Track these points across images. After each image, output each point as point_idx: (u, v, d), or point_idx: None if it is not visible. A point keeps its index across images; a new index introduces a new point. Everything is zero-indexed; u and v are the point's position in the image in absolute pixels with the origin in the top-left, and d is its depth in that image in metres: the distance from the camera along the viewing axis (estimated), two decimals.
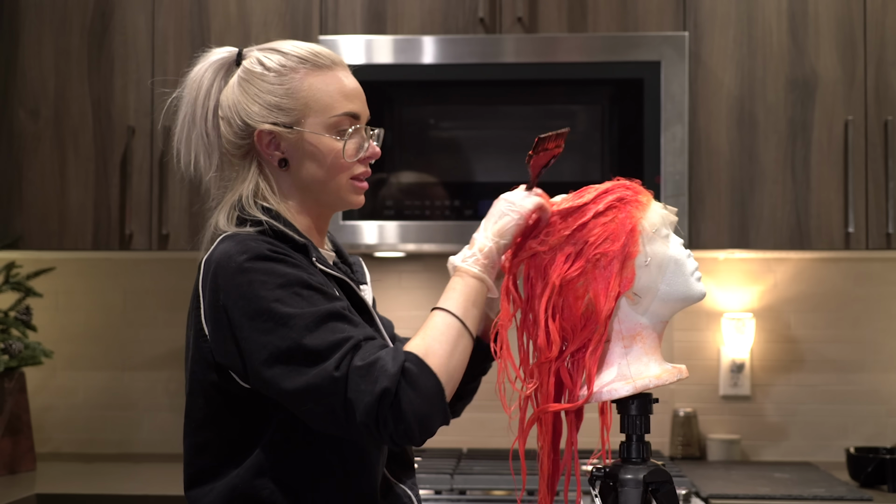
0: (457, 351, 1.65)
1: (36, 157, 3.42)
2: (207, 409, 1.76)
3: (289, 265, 1.68)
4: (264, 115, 1.79)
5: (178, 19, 3.42)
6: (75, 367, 3.80)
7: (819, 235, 3.29)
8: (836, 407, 3.68)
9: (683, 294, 1.61)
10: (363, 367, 1.58)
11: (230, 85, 1.84)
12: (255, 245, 1.69)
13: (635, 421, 1.59)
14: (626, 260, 1.59)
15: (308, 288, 1.66)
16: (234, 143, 1.82)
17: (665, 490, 1.55)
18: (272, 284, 1.64)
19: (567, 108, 3.39)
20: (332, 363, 1.59)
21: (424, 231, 3.26)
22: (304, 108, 1.80)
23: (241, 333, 1.66)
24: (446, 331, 1.66)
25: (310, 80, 1.81)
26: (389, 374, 1.57)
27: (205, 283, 1.73)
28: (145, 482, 3.27)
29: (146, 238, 3.39)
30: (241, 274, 1.66)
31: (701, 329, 3.70)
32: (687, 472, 3.27)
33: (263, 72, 1.81)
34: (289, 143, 1.80)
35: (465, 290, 1.70)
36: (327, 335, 1.61)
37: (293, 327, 1.61)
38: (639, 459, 1.58)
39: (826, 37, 3.32)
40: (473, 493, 3.02)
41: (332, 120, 1.81)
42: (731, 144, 3.32)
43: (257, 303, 1.64)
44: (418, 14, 3.37)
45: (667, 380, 1.58)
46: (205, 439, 1.77)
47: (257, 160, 1.82)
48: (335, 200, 1.84)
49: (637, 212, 1.62)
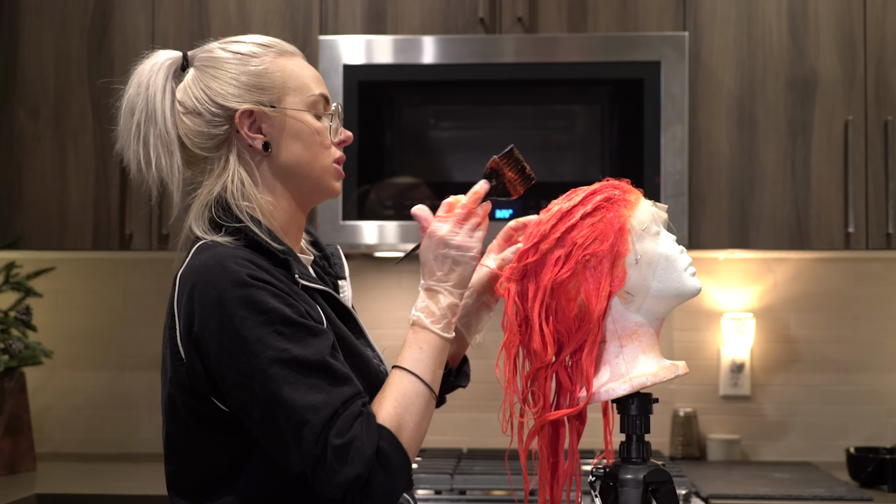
0: (425, 420, 1.64)
1: (36, 157, 3.43)
2: (188, 434, 1.69)
3: (270, 294, 1.59)
4: (242, 96, 1.72)
5: (178, 19, 3.42)
6: (75, 367, 3.80)
7: (819, 235, 3.29)
8: (836, 407, 3.68)
9: (676, 290, 1.60)
10: (340, 446, 1.54)
11: (189, 80, 1.74)
12: (234, 269, 1.60)
13: (635, 421, 1.59)
14: (616, 259, 1.59)
15: (290, 325, 1.58)
16: (205, 133, 1.72)
17: (665, 490, 1.54)
18: (253, 322, 1.57)
19: (567, 108, 3.39)
20: (309, 436, 1.54)
21: None
22: (282, 87, 1.74)
23: (218, 370, 1.60)
24: (417, 400, 1.63)
25: (279, 62, 1.75)
26: (365, 457, 1.54)
27: (179, 304, 1.65)
28: (145, 482, 3.27)
29: (146, 238, 3.39)
30: (220, 307, 1.58)
31: (701, 329, 3.70)
32: (687, 472, 3.27)
33: (229, 56, 1.74)
34: (271, 123, 1.73)
35: (434, 353, 1.67)
36: (305, 393, 1.55)
37: (273, 377, 1.55)
38: (639, 459, 1.58)
39: (826, 37, 3.32)
40: (473, 493, 3.02)
41: (311, 99, 1.75)
42: (731, 144, 3.32)
43: (237, 342, 1.57)
44: (418, 14, 3.37)
45: (664, 377, 1.57)
46: (187, 464, 1.72)
47: (235, 149, 1.73)
48: (317, 186, 1.77)
49: (625, 210, 1.61)
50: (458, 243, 1.69)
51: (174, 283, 1.69)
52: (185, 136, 1.73)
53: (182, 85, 1.74)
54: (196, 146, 1.73)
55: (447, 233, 1.69)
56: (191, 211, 1.74)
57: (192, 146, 1.73)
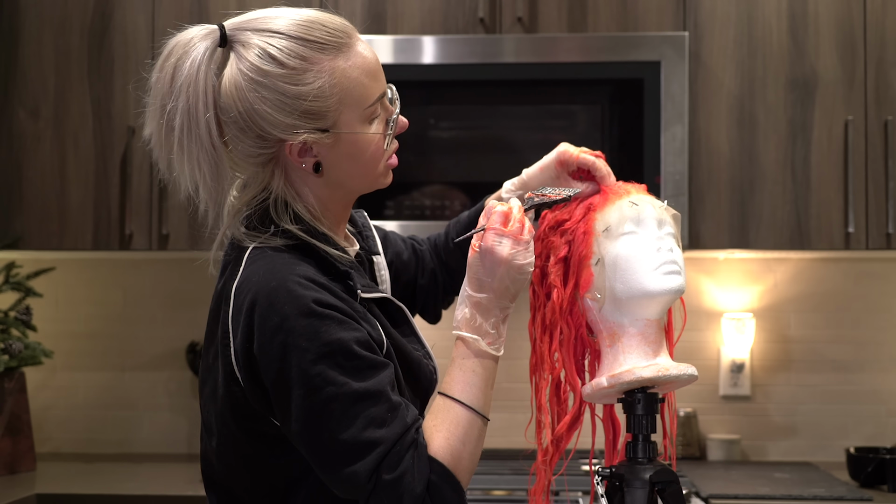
0: (478, 448, 1.59)
1: (36, 157, 3.42)
2: (244, 454, 1.63)
3: (335, 322, 1.52)
4: (294, 125, 1.57)
5: (178, 19, 3.40)
6: (75, 367, 3.80)
7: (819, 235, 3.29)
8: (836, 407, 3.68)
9: (642, 290, 1.58)
10: (390, 481, 1.49)
11: (233, 80, 1.56)
12: (299, 293, 1.52)
13: (641, 420, 1.59)
14: (582, 261, 1.62)
15: (353, 358, 1.52)
16: (248, 153, 1.60)
17: (671, 490, 1.55)
18: (314, 354, 1.50)
19: (567, 108, 3.39)
20: (363, 472, 1.50)
21: (424, 231, 3.25)
22: (338, 107, 1.59)
23: (275, 398, 1.54)
24: (471, 431, 1.58)
25: (335, 67, 1.58)
26: (415, 494, 1.50)
27: (236, 321, 1.56)
28: (145, 482, 3.27)
29: (146, 238, 3.38)
30: (282, 333, 1.51)
31: (701, 329, 3.70)
32: (687, 472, 3.28)
33: (278, 69, 1.56)
34: (323, 147, 1.60)
35: (487, 376, 1.60)
36: (362, 431, 1.50)
37: (330, 413, 1.50)
38: (645, 459, 1.58)
39: (826, 37, 3.32)
40: (473, 493, 3.02)
41: (367, 112, 1.63)
42: (731, 144, 3.32)
43: (297, 374, 1.50)
44: (418, 14, 3.37)
45: (643, 375, 1.57)
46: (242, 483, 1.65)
47: (280, 166, 1.62)
48: (369, 188, 1.69)
49: (595, 213, 1.64)
50: (520, 264, 1.58)
51: (229, 294, 1.59)
52: (227, 142, 1.60)
53: (227, 86, 1.57)
54: (239, 157, 1.62)
55: (508, 253, 1.58)
56: (229, 216, 1.65)
57: (235, 154, 1.62)
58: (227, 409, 1.60)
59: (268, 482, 1.62)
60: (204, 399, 1.67)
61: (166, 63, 1.60)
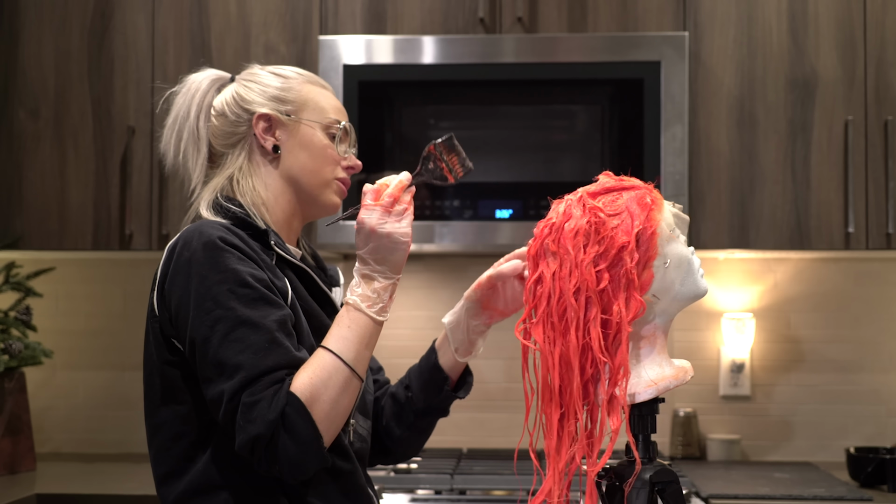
0: (343, 398, 1.71)
1: (36, 157, 3.42)
2: (163, 388, 1.81)
3: (235, 258, 1.73)
4: (263, 103, 1.91)
5: (178, 19, 3.42)
6: (75, 367, 3.80)
7: (819, 235, 3.29)
8: (836, 407, 3.68)
9: (693, 292, 1.60)
10: (247, 405, 1.65)
11: (226, 91, 1.95)
12: (209, 232, 1.75)
13: (641, 420, 1.58)
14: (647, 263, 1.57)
15: (245, 287, 1.72)
16: (226, 132, 1.92)
17: (671, 490, 1.54)
18: (211, 281, 1.71)
19: (567, 108, 3.39)
20: (228, 391, 1.67)
21: (424, 231, 3.26)
22: (302, 104, 1.92)
23: (176, 320, 1.76)
24: (335, 376, 1.70)
25: (307, 87, 1.95)
26: (266, 420, 1.64)
27: (165, 266, 1.79)
28: (145, 482, 3.26)
29: (146, 238, 3.38)
30: (188, 265, 1.73)
31: (701, 329, 3.70)
32: (687, 472, 3.27)
33: (264, 73, 1.96)
34: (284, 129, 1.91)
35: (362, 334, 1.75)
36: (238, 353, 1.68)
37: (215, 333, 1.69)
38: (645, 459, 1.58)
39: (826, 37, 3.32)
40: (473, 493, 3.02)
41: (327, 121, 1.93)
42: (731, 144, 3.32)
43: (194, 298, 1.72)
44: (418, 14, 3.37)
45: (682, 379, 1.56)
46: (161, 420, 1.82)
47: (248, 147, 1.92)
48: (316, 195, 1.92)
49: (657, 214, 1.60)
50: (388, 231, 1.77)
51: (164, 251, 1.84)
52: (212, 136, 1.93)
53: (221, 94, 1.95)
54: (218, 143, 1.93)
55: (376, 222, 1.77)
56: (201, 197, 1.90)
57: (216, 144, 1.93)
58: (149, 346, 1.82)
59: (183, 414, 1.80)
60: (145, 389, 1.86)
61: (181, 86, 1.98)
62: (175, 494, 1.83)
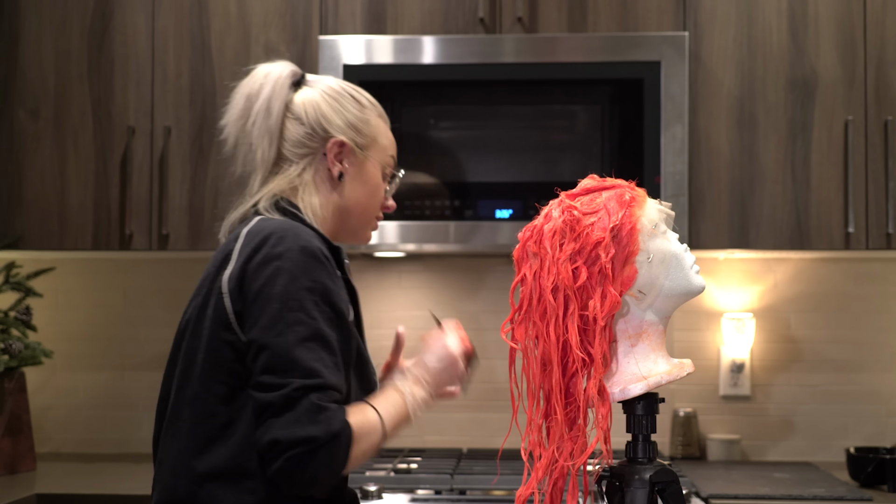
0: (366, 454, 1.81)
1: (36, 157, 3.42)
2: (211, 363, 1.84)
3: (326, 274, 1.81)
4: (343, 130, 2.00)
5: (178, 19, 3.42)
6: (75, 367, 3.80)
7: (819, 235, 3.29)
8: (836, 407, 3.68)
9: (685, 288, 1.59)
10: (317, 406, 1.72)
11: (309, 92, 2.01)
12: (307, 238, 1.82)
13: (641, 420, 1.58)
14: (628, 258, 1.58)
15: (330, 307, 1.80)
16: (299, 140, 1.99)
17: (672, 490, 1.54)
18: (300, 284, 1.78)
19: (567, 108, 3.39)
20: (298, 385, 1.72)
21: (424, 231, 3.26)
22: (373, 140, 2.03)
23: (250, 306, 1.79)
24: (374, 437, 1.82)
25: (378, 121, 2.06)
26: (330, 429, 1.71)
27: (245, 247, 1.83)
28: (145, 482, 3.24)
29: (146, 238, 3.38)
30: (280, 260, 1.79)
31: (701, 329, 3.70)
32: (687, 472, 3.27)
33: (348, 96, 2.03)
34: (353, 160, 2.01)
35: (400, 421, 1.90)
36: (313, 360, 1.75)
37: (293, 332, 1.76)
38: (645, 459, 1.58)
39: (826, 37, 3.32)
40: (473, 493, 3.02)
41: (388, 160, 2.07)
42: (731, 144, 3.32)
43: (277, 290, 1.77)
44: (418, 14, 3.37)
45: (676, 375, 1.57)
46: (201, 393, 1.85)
47: (315, 164, 2.00)
48: (357, 227, 2.05)
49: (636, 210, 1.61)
50: (460, 371, 2.04)
51: (237, 236, 1.88)
52: (285, 137, 1.99)
53: (301, 96, 2.01)
54: (286, 148, 2.00)
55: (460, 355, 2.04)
56: (260, 194, 1.97)
57: (284, 146, 1.99)
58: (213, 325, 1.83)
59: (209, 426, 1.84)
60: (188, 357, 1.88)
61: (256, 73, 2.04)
62: (204, 468, 1.86)
